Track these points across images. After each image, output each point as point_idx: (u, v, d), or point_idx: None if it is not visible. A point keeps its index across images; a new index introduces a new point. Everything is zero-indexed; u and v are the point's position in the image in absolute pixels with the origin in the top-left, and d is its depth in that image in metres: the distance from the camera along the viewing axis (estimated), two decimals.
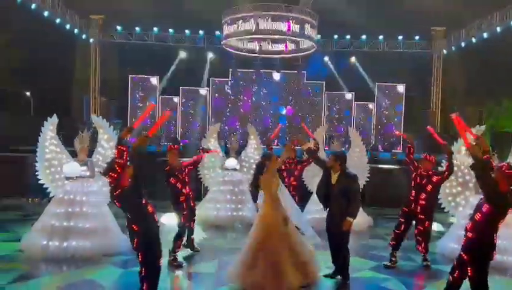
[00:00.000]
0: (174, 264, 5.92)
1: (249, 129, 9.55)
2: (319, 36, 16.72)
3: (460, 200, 6.95)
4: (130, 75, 18.52)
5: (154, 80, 18.57)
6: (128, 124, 17.90)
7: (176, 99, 18.62)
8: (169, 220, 6.95)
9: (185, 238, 6.34)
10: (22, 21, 15.27)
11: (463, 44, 16.57)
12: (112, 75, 18.86)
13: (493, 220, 4.07)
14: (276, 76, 18.29)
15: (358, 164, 8.55)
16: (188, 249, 6.57)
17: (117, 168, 3.93)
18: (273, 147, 8.00)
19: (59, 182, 6.82)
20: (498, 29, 14.31)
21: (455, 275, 4.31)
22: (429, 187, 6.19)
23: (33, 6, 14.08)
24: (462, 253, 4.23)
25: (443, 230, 8.55)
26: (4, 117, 14.70)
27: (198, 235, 6.80)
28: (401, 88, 18.16)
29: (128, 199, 4.00)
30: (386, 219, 9.13)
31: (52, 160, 6.90)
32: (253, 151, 9.20)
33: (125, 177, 3.99)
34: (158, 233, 4.29)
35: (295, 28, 14.90)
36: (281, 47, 17.07)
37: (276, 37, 15.70)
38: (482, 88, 16.68)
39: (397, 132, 16.16)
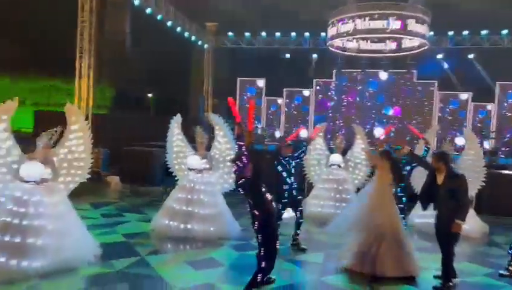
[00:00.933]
0: (297, 249, 6.53)
1: (356, 129, 9.59)
2: (432, 33, 15.87)
3: None
4: (238, 78, 19.72)
5: (260, 82, 19.50)
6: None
7: (279, 100, 19.30)
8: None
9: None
10: (147, 31, 17.33)
11: None
12: (223, 78, 20.26)
13: None
14: (383, 75, 17.83)
15: (472, 167, 8.11)
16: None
17: (243, 159, 4.47)
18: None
19: (185, 172, 7.66)
20: None
21: None
22: None
23: (159, 17, 15.82)
24: None
25: None
26: (130, 117, 16.81)
27: (302, 229, 7.08)
28: None
29: (250, 187, 4.52)
30: (504, 227, 8.48)
31: (179, 152, 7.81)
32: (360, 151, 9.23)
33: (247, 169, 4.50)
34: (275, 218, 4.74)
35: (406, 25, 14.38)
36: (389, 46, 16.61)
37: (386, 35, 15.33)
38: None
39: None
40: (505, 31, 16.44)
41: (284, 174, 6.62)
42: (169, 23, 16.55)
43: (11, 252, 4.95)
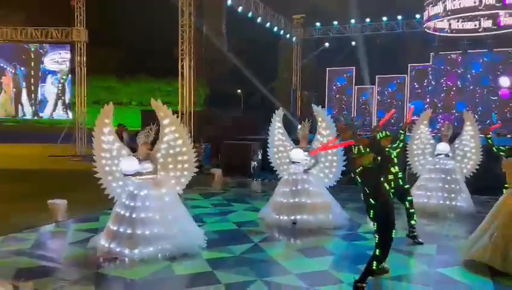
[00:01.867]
0: (412, 241, 6.40)
1: (465, 115, 9.03)
2: None
3: None
4: (327, 68, 19.59)
5: (350, 71, 19.17)
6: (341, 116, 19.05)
7: (371, 88, 18.80)
8: None
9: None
10: (239, 30, 18.00)
11: None
12: (312, 69, 20.27)
13: None
14: (488, 56, 16.43)
15: None
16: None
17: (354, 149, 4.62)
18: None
19: (284, 165, 7.87)
20: None
21: None
22: None
23: (250, 14, 16.34)
24: None
25: None
26: (224, 113, 17.63)
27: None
28: None
29: (368, 176, 4.62)
30: None
31: (280, 146, 8.01)
32: (470, 138, 8.69)
33: (361, 158, 4.61)
34: (392, 207, 4.76)
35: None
36: (484, 24, 15.18)
37: (480, 13, 14.01)
38: None
39: None
40: None
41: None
42: (259, 20, 17.02)
43: (122, 242, 5.55)
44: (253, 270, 5.25)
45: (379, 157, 4.61)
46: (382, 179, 4.73)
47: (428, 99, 17.74)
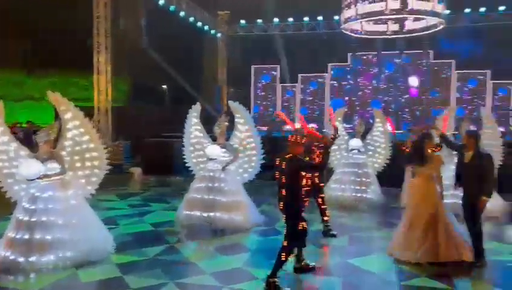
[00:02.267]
0: (326, 235, 6.62)
1: (375, 112, 9.59)
2: (448, 11, 15.52)
3: None
4: (252, 66, 19.74)
5: (274, 69, 19.51)
6: (250, 111, 19.23)
7: (294, 86, 19.30)
8: None
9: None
10: (160, 23, 17.42)
11: None
12: (237, 66, 20.29)
13: None
14: (399, 57, 17.64)
15: (489, 146, 8.01)
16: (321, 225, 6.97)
17: None
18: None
19: (202, 165, 7.52)
20: None
21: None
22: None
23: (171, 8, 15.88)
24: None
25: None
26: (147, 109, 17.03)
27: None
28: None
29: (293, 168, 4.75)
30: None
31: (196, 144, 7.66)
32: (380, 134, 9.23)
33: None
34: (301, 200, 4.85)
35: (418, 4, 13.93)
36: (391, 27, 16.26)
37: (399, 16, 14.94)
38: None
39: None
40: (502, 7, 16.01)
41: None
42: (182, 14, 16.62)
43: (18, 249, 5.06)
44: (166, 273, 5.07)
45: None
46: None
47: (347, 98, 18.63)
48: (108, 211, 7.82)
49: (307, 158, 5.54)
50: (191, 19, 17.33)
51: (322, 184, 6.96)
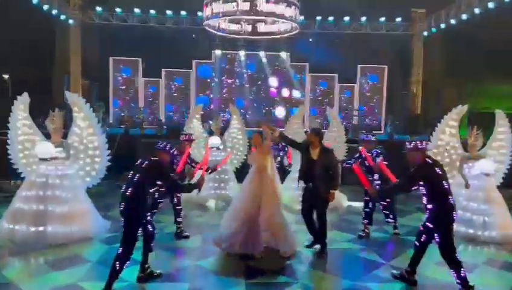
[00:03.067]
0: (179, 236, 6.39)
1: (231, 109, 9.65)
2: (302, 17, 16.67)
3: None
4: (111, 57, 18.35)
5: (136, 62, 18.47)
6: (109, 106, 17.91)
7: (158, 81, 18.58)
8: None
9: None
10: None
11: (443, 26, 16.78)
12: (94, 57, 18.58)
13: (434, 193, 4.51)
14: (260, 57, 18.35)
15: (334, 142, 8.79)
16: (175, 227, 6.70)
17: None
18: None
19: (33, 165, 6.50)
20: (476, 10, 14.56)
21: (422, 239, 4.69)
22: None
23: None
24: (427, 223, 4.63)
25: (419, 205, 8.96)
26: None
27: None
28: (383, 70, 18.43)
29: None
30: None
31: (25, 142, 6.63)
32: (237, 131, 9.31)
33: None
34: (141, 203, 4.47)
35: (283, 9, 14.56)
36: (265, 28, 16.95)
37: (260, 17, 15.44)
38: (462, 69, 17.00)
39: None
40: (364, 18, 18.09)
41: None
42: None
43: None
44: None
45: None
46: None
47: (212, 96, 18.65)
48: None
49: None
50: (35, 1, 15.19)
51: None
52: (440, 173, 4.54)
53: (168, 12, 18.04)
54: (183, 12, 18.06)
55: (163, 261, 5.41)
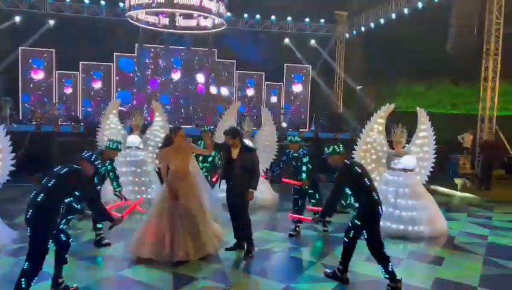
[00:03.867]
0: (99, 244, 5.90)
1: (154, 105, 9.08)
2: (229, 14, 16.44)
3: (376, 176, 7.07)
4: (20, 47, 16.62)
5: (49, 54, 16.92)
6: (19, 101, 16.21)
7: (75, 74, 17.23)
8: None
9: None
10: None
11: (363, 29, 17.61)
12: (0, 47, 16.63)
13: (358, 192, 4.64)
14: (186, 53, 17.79)
15: (266, 141, 8.76)
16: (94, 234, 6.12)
17: None
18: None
19: None
20: (393, 15, 15.47)
21: (350, 236, 4.72)
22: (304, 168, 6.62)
23: None
24: (355, 220, 4.71)
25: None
26: None
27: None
28: (308, 70, 18.89)
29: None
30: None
31: None
32: (159, 129, 8.78)
33: None
34: (50, 212, 3.95)
35: (207, 3, 14.16)
36: (191, 23, 16.41)
37: (185, 11, 14.88)
38: (378, 71, 18.00)
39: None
40: (289, 18, 18.38)
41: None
42: None
43: None
44: None
45: None
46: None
47: (135, 90, 17.71)
48: None
49: None
50: None
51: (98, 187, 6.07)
52: (360, 171, 4.66)
53: (86, 1, 16.76)
54: (102, 2, 16.89)
55: (80, 272, 4.87)
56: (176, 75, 18.16)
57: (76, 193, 4.20)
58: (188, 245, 5.21)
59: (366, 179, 4.63)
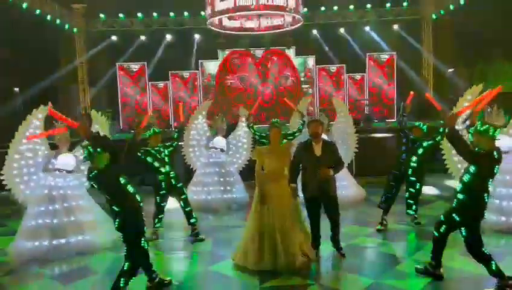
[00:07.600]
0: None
1: (241, 111, 9.15)
2: (305, 9, 16.30)
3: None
4: (117, 64, 18.27)
5: (142, 67, 18.36)
6: (120, 113, 17.82)
7: (164, 84, 18.44)
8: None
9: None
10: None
11: (452, 7, 16.25)
12: (100, 64, 18.53)
13: (480, 180, 4.09)
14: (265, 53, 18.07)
15: (343, 134, 8.35)
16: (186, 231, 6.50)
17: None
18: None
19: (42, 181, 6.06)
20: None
21: (441, 230, 4.36)
22: (420, 150, 6.24)
23: None
24: (453, 214, 4.26)
25: (438, 193, 8.61)
26: None
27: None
28: (391, 56, 17.96)
29: (106, 179, 3.96)
30: (380, 187, 9.09)
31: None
32: (243, 134, 8.88)
33: (97, 160, 3.95)
34: (141, 214, 4.23)
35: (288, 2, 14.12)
36: (269, 23, 16.57)
37: (266, 12, 15.03)
38: (472, 51, 16.46)
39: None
40: (369, 5, 17.69)
41: (156, 164, 6.16)
42: (24, 5, 14.46)
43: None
44: None
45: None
46: (123, 180, 4.11)
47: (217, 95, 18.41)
48: None
49: None
50: (37, 12, 15.15)
51: (180, 184, 6.46)
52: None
53: (171, 14, 17.88)
54: (186, 14, 17.87)
55: (177, 267, 5.23)
56: (255, 76, 18.41)
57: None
58: (295, 248, 5.00)
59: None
